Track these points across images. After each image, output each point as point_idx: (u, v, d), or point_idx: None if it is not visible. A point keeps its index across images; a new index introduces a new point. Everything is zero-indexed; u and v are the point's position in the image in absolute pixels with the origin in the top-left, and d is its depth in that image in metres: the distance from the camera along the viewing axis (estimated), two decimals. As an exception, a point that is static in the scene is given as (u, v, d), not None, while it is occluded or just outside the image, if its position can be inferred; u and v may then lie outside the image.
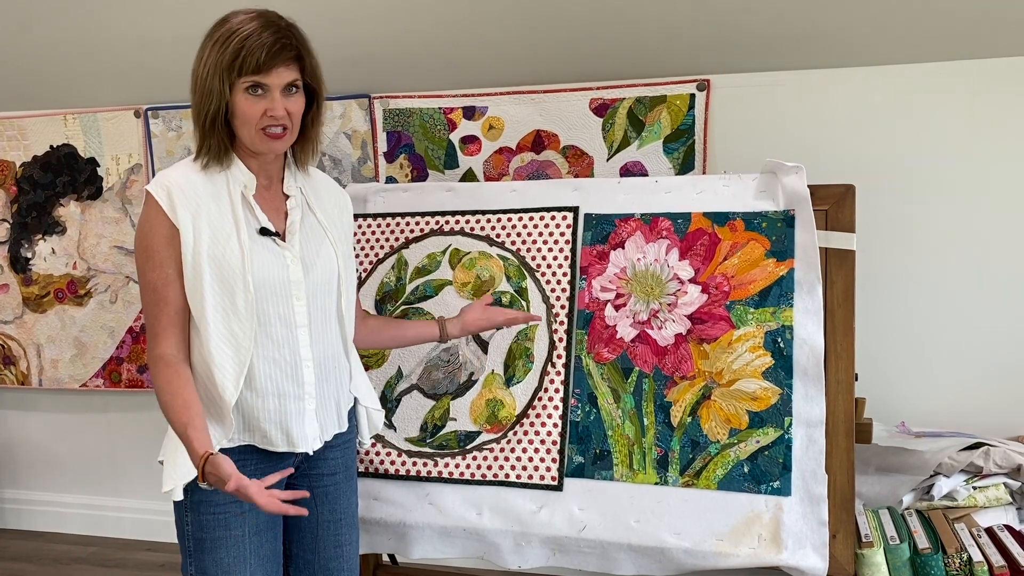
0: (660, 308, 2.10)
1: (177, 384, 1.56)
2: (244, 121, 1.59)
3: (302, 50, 1.61)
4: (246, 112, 1.57)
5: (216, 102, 1.56)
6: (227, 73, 1.55)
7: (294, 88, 1.61)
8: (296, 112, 1.62)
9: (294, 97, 1.61)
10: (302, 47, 1.61)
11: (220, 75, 1.55)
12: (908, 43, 2.37)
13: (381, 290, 2.31)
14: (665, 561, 1.92)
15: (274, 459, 1.68)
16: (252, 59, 1.54)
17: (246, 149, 1.65)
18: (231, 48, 1.55)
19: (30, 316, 3.23)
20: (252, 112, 1.57)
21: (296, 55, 1.60)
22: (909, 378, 2.50)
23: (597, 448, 2.05)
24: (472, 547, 2.06)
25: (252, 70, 1.55)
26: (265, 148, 1.62)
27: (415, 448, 2.17)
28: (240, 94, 1.57)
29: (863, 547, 1.97)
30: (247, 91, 1.57)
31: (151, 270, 1.57)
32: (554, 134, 2.66)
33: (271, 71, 1.56)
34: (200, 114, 1.59)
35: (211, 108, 1.57)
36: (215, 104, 1.57)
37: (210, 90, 1.56)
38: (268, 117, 1.58)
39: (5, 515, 3.49)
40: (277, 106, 1.58)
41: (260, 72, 1.56)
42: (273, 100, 1.58)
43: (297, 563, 1.80)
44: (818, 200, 2.06)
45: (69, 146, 3.11)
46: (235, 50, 1.54)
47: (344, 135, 2.81)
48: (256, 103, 1.57)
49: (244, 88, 1.56)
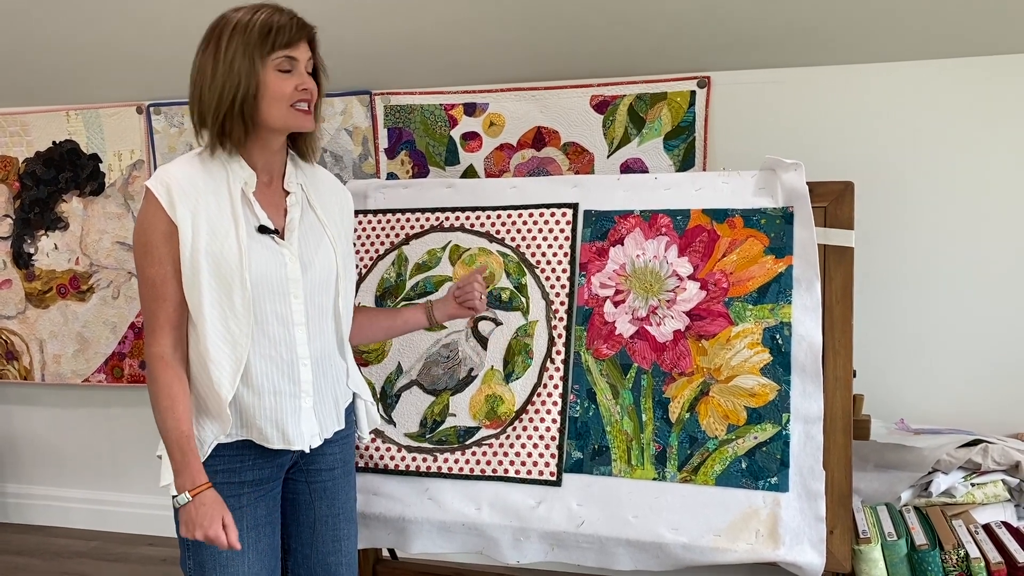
0: (659, 304, 2.10)
1: (176, 389, 1.58)
2: (276, 98, 1.59)
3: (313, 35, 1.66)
4: (279, 89, 1.59)
5: (245, 84, 1.57)
6: (258, 51, 1.56)
7: (309, 70, 1.64)
8: (315, 92, 1.65)
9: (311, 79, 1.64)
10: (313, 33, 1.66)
11: (249, 56, 1.56)
12: (908, 40, 2.37)
13: (381, 286, 2.32)
14: (663, 556, 1.93)
15: (271, 455, 1.69)
16: (284, 33, 1.58)
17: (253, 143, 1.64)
18: (257, 28, 1.56)
19: (33, 311, 3.24)
20: (285, 88, 1.59)
21: (311, 37, 1.64)
22: (908, 375, 2.51)
23: (596, 444, 2.05)
24: (471, 542, 2.07)
25: (284, 44, 1.58)
26: (297, 124, 1.63)
27: (415, 443, 2.18)
28: (271, 73, 1.58)
29: (860, 543, 1.97)
30: (278, 69, 1.59)
31: (149, 266, 1.58)
32: (555, 131, 2.66)
33: (299, 45, 1.61)
34: (221, 101, 1.57)
35: (239, 92, 1.57)
36: (244, 86, 1.57)
37: (237, 73, 1.56)
38: (299, 91, 1.61)
39: (8, 509, 3.51)
40: (307, 79, 1.62)
41: (290, 46, 1.59)
42: (302, 75, 1.61)
43: (296, 557, 1.81)
44: (817, 197, 2.06)
45: (72, 142, 3.12)
46: (263, 29, 1.57)
47: (345, 131, 2.82)
48: (287, 79, 1.60)
49: (275, 66, 1.58)
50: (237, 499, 1.65)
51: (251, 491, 1.67)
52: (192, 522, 1.55)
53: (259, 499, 1.68)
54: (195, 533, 1.55)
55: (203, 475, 1.58)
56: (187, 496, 1.56)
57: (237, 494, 1.65)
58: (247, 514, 1.66)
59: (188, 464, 1.57)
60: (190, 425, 1.59)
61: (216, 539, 1.55)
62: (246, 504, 1.66)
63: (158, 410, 1.58)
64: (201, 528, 1.55)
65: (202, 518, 1.55)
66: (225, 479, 1.64)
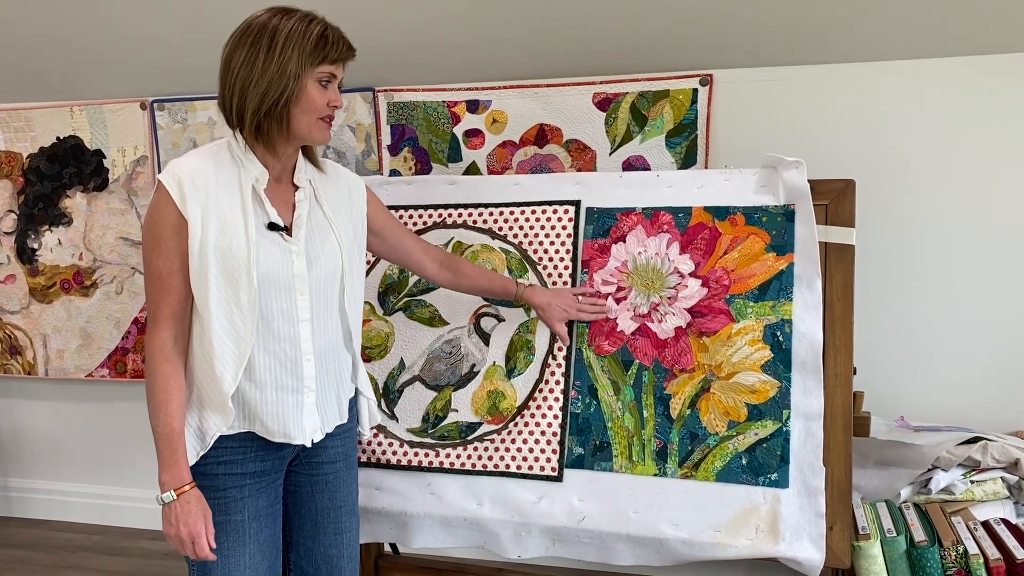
0: (660, 301, 2.11)
1: (172, 384, 1.59)
2: (309, 109, 1.61)
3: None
4: (315, 100, 1.61)
5: (290, 85, 1.58)
6: (311, 58, 1.58)
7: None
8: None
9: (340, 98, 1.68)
10: None
11: (301, 63, 1.58)
12: (910, 39, 2.37)
13: (384, 282, 2.33)
14: (663, 552, 1.94)
15: (274, 448, 1.70)
16: (337, 48, 1.61)
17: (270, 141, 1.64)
18: (314, 37, 1.59)
19: (36, 306, 3.25)
20: (320, 101, 1.62)
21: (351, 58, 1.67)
22: (908, 373, 2.51)
23: (597, 440, 2.06)
24: (472, 537, 2.08)
25: (334, 59, 1.61)
26: (320, 137, 1.67)
27: (417, 439, 2.19)
28: (311, 81, 1.60)
29: (860, 539, 1.98)
30: (319, 81, 1.61)
31: (157, 258, 1.59)
32: (557, 128, 2.67)
33: (343, 64, 1.65)
34: (265, 99, 1.58)
35: (282, 92, 1.58)
36: (289, 87, 1.58)
37: (287, 77, 1.58)
38: (331, 107, 1.64)
39: (11, 503, 3.52)
40: (339, 98, 1.65)
41: (337, 63, 1.63)
42: (336, 92, 1.65)
43: (298, 550, 1.82)
44: (818, 195, 2.07)
45: (75, 138, 3.13)
46: (320, 39, 1.59)
47: (348, 128, 2.83)
48: (324, 93, 1.63)
49: (317, 77, 1.61)
50: (239, 490, 1.66)
51: (253, 482, 1.68)
52: (177, 520, 1.57)
53: (261, 491, 1.69)
54: (179, 531, 1.57)
55: (189, 474, 1.60)
56: (172, 495, 1.58)
57: (239, 485, 1.66)
58: (249, 505, 1.67)
59: (176, 462, 1.58)
60: (182, 422, 1.60)
61: (197, 539, 1.57)
62: (248, 495, 1.67)
63: (152, 403, 1.59)
64: (186, 526, 1.57)
65: (186, 516, 1.57)
66: (227, 470, 1.66)
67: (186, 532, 1.57)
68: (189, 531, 1.57)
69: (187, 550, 1.59)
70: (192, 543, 1.58)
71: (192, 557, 1.60)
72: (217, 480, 1.65)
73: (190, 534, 1.58)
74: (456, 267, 2.07)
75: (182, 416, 1.60)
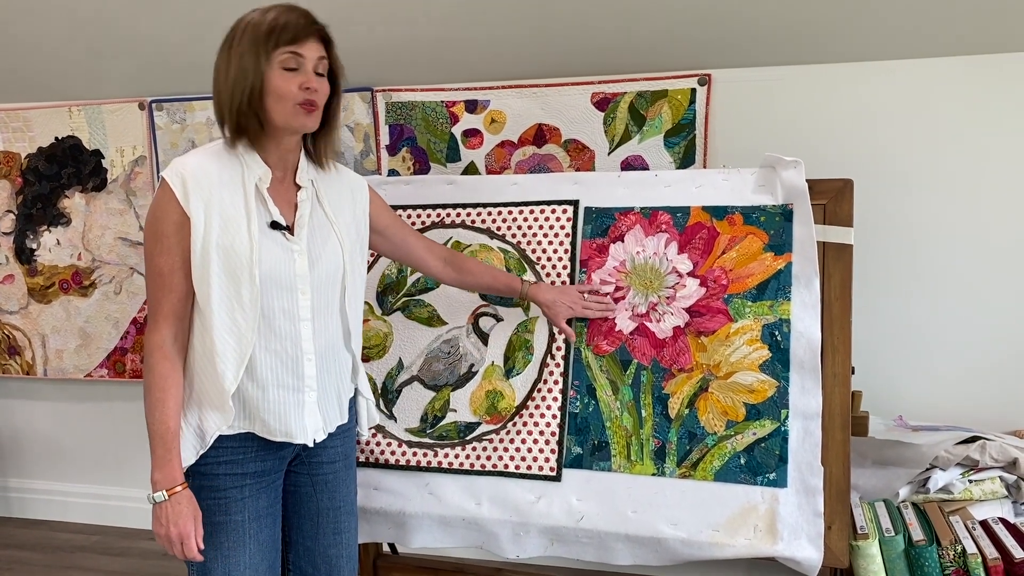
0: (659, 301, 2.11)
1: (170, 383, 1.59)
2: (280, 97, 1.60)
3: (328, 35, 1.66)
4: (281, 87, 1.59)
5: (252, 81, 1.58)
6: (263, 47, 1.57)
7: (320, 71, 1.64)
8: (324, 93, 1.65)
9: (322, 80, 1.64)
10: (328, 33, 1.66)
11: (256, 52, 1.57)
12: (908, 38, 2.37)
13: (383, 282, 2.33)
14: (662, 551, 1.94)
15: (274, 448, 1.70)
16: (289, 30, 1.58)
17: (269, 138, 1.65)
18: (265, 26, 1.58)
19: (35, 306, 3.25)
20: (288, 87, 1.59)
21: (324, 35, 1.64)
22: (906, 372, 2.51)
23: (595, 439, 2.06)
24: (471, 537, 2.08)
25: (288, 40, 1.58)
26: (299, 124, 1.63)
27: (415, 438, 2.19)
28: (276, 71, 1.59)
29: (858, 539, 1.98)
30: (282, 67, 1.59)
31: (159, 255, 1.59)
32: (556, 128, 2.67)
33: (305, 42, 1.60)
34: (233, 98, 1.59)
35: (246, 87, 1.58)
36: (251, 81, 1.58)
37: (244, 69, 1.58)
38: (304, 90, 1.60)
39: (10, 504, 3.52)
40: (312, 78, 1.61)
41: (296, 43, 1.59)
42: (308, 74, 1.61)
43: (297, 549, 1.82)
44: (816, 194, 2.07)
45: (74, 138, 3.13)
46: (270, 26, 1.58)
47: (347, 128, 2.83)
48: (292, 78, 1.60)
49: (280, 63, 1.59)
50: (239, 490, 1.66)
51: (253, 482, 1.68)
52: (167, 520, 1.58)
53: (261, 491, 1.69)
54: (169, 531, 1.58)
55: (181, 475, 1.60)
56: (163, 494, 1.58)
57: (239, 485, 1.66)
58: (249, 505, 1.67)
59: (169, 461, 1.58)
60: (178, 421, 1.60)
61: (186, 540, 1.58)
62: (248, 496, 1.67)
63: (148, 400, 1.59)
64: (176, 527, 1.57)
65: (177, 516, 1.58)
66: (227, 470, 1.66)
67: (176, 532, 1.58)
68: (179, 531, 1.58)
69: (175, 550, 1.59)
70: (181, 544, 1.58)
71: (180, 558, 1.60)
72: (217, 480, 1.65)
73: (180, 535, 1.58)
74: (460, 264, 2.06)
75: (178, 415, 1.60)
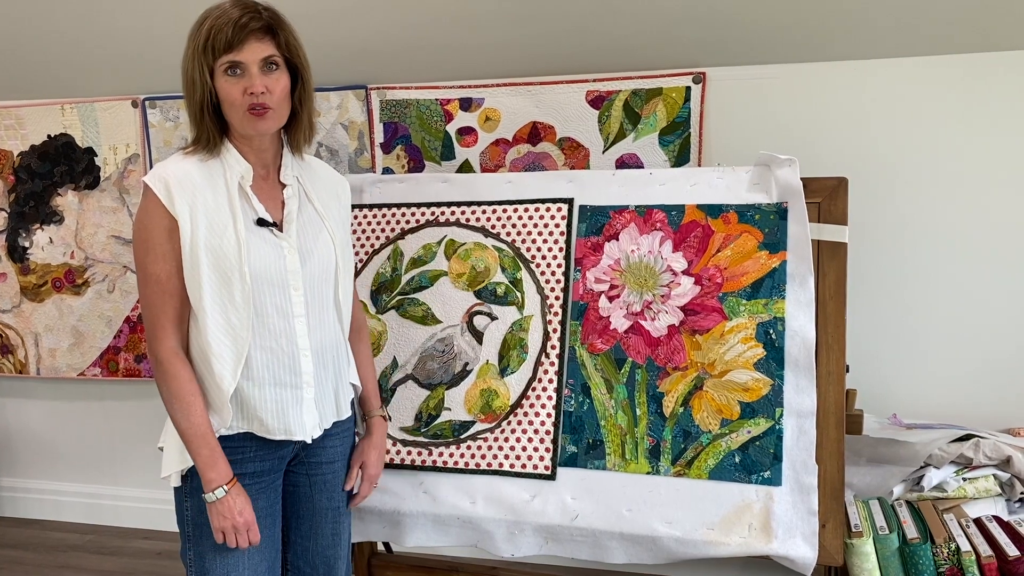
0: (653, 299, 2.11)
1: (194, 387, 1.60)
2: (230, 104, 1.58)
3: (274, 24, 1.59)
4: (228, 94, 1.57)
5: (200, 90, 1.57)
6: (203, 58, 1.55)
7: (273, 65, 1.59)
8: (278, 90, 1.59)
9: (275, 75, 1.59)
10: (274, 21, 1.59)
11: (200, 63, 1.56)
12: (902, 37, 2.37)
13: (377, 280, 2.32)
14: (656, 550, 1.94)
15: (272, 447, 1.70)
16: (221, 37, 1.54)
17: (240, 138, 1.65)
18: (203, 32, 1.55)
19: (28, 305, 3.24)
20: (233, 93, 1.57)
21: (266, 28, 1.58)
22: (901, 370, 2.52)
23: (590, 438, 2.06)
24: (466, 535, 2.07)
25: (224, 48, 1.54)
26: (251, 129, 1.60)
27: (410, 437, 2.18)
28: (221, 78, 1.57)
29: (852, 537, 1.98)
30: (225, 73, 1.56)
31: (153, 263, 1.58)
32: (550, 126, 2.67)
33: (243, 47, 1.55)
34: (190, 106, 1.60)
35: (197, 97, 1.58)
36: (200, 92, 1.57)
37: (193, 80, 1.57)
38: (249, 95, 1.56)
39: (3, 503, 3.51)
40: (255, 82, 1.56)
41: (232, 50, 1.55)
42: (251, 77, 1.56)
43: (296, 550, 1.82)
44: (811, 193, 2.07)
45: (67, 136, 3.11)
46: (206, 33, 1.55)
47: (341, 126, 2.82)
48: (236, 83, 1.57)
49: (223, 71, 1.56)
50: (239, 491, 1.66)
51: (252, 483, 1.67)
52: (231, 512, 1.59)
53: (260, 491, 1.69)
54: (235, 521, 1.60)
55: (230, 469, 1.62)
56: (223, 489, 1.59)
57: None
58: None
59: (217, 460, 1.60)
60: (209, 422, 1.61)
61: (252, 525, 1.61)
62: (247, 496, 1.67)
63: (177, 407, 1.58)
64: (241, 516, 1.60)
65: (241, 506, 1.61)
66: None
67: (242, 521, 1.60)
68: (245, 520, 1.61)
69: (240, 540, 1.61)
70: (247, 531, 1.61)
71: (244, 546, 1.62)
72: None
73: (246, 522, 1.61)
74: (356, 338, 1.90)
75: (207, 416, 1.61)
